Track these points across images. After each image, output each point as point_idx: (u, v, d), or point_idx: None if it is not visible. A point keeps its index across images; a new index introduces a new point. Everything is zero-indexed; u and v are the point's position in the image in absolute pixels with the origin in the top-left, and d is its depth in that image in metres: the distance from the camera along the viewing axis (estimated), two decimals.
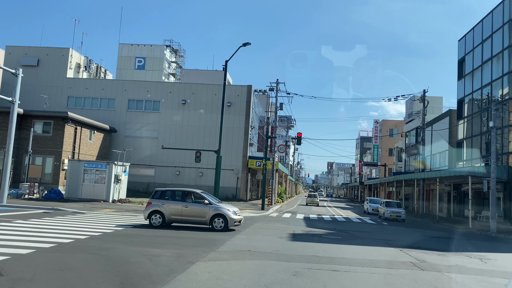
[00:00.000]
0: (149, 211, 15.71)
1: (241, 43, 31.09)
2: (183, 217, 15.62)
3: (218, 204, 15.84)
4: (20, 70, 21.23)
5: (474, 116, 33.78)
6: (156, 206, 15.71)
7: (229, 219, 15.36)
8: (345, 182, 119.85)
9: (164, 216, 15.55)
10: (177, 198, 16.04)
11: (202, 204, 15.67)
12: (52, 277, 7.35)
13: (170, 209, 15.62)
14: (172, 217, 15.64)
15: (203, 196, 15.93)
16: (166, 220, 15.59)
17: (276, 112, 39.53)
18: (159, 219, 15.57)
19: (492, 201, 23.67)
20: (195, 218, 15.61)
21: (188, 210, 15.60)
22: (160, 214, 15.56)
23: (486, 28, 33.34)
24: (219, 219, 15.38)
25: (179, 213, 15.58)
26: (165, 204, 15.73)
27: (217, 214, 15.42)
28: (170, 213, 15.57)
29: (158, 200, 15.89)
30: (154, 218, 15.62)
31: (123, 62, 53.76)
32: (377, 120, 73.70)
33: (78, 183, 25.85)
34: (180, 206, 15.61)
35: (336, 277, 8.68)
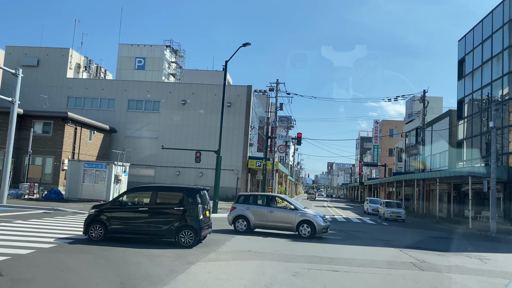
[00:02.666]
0: (234, 216, 15.27)
1: (241, 43, 31.10)
2: (268, 223, 15.07)
3: (304, 210, 15.17)
4: (20, 70, 21.22)
5: (474, 116, 33.78)
6: (240, 211, 15.25)
7: (317, 225, 14.60)
8: (345, 182, 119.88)
9: (249, 222, 15.09)
10: (262, 202, 15.58)
11: (287, 210, 15.08)
12: (52, 277, 7.35)
13: (255, 214, 15.15)
14: (257, 223, 15.13)
15: (288, 201, 15.38)
16: (251, 225, 15.11)
17: (276, 112, 39.54)
18: (244, 225, 15.15)
19: (492, 201, 23.66)
20: (281, 224, 14.98)
21: (274, 216, 15.02)
22: (245, 220, 15.12)
23: (486, 28, 33.34)
24: (306, 225, 14.64)
25: (264, 218, 15.08)
26: (249, 209, 15.24)
27: (304, 221, 14.71)
28: (255, 219, 15.09)
29: (242, 205, 15.42)
30: (239, 224, 15.18)
31: (123, 62, 53.76)
32: (377, 120, 73.70)
33: (78, 183, 25.84)
34: (265, 211, 15.10)
35: (336, 277, 8.68)
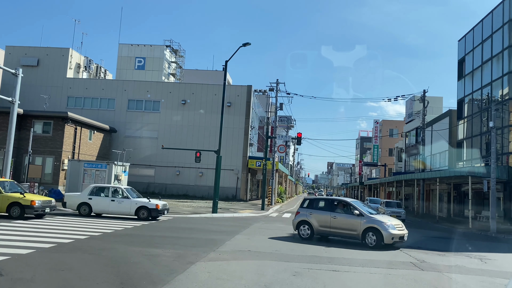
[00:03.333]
0: (297, 221, 14.55)
1: (241, 43, 31.08)
2: (331, 229, 13.99)
3: (371, 216, 13.54)
4: (20, 70, 21.21)
5: (474, 116, 33.78)
6: (303, 216, 14.44)
7: (384, 234, 12.89)
8: (345, 182, 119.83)
9: (312, 228, 14.23)
10: (326, 207, 14.54)
11: (351, 215, 13.69)
12: (52, 277, 7.35)
13: (318, 220, 14.22)
14: (321, 229, 14.17)
15: (353, 206, 13.95)
16: (314, 231, 14.22)
17: (276, 112, 39.54)
18: (308, 231, 14.29)
19: (492, 201, 23.66)
20: (345, 231, 13.76)
21: (337, 222, 13.87)
22: (308, 225, 14.30)
23: (486, 28, 33.34)
24: (372, 233, 13.10)
25: (327, 224, 14.02)
26: (313, 214, 14.37)
27: (370, 228, 13.18)
28: (319, 225, 14.17)
29: (306, 210, 14.64)
30: (302, 230, 14.37)
31: (123, 62, 53.75)
32: (377, 120, 73.69)
33: (78, 183, 25.82)
34: (328, 216, 14.03)
35: (336, 277, 8.68)
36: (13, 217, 15.35)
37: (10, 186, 16.48)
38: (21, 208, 15.43)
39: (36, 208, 15.58)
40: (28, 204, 15.41)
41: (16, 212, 15.51)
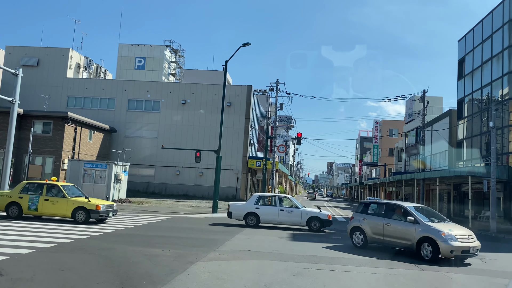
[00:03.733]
0: (351, 227, 13.50)
1: (241, 43, 31.09)
2: (385, 238, 12.47)
3: (428, 223, 11.67)
4: (20, 70, 21.21)
5: (474, 116, 33.77)
6: (357, 221, 13.31)
7: (441, 246, 10.90)
8: (345, 182, 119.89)
9: (366, 235, 12.92)
10: (379, 212, 13.19)
11: (405, 222, 12.01)
12: (52, 277, 7.35)
13: (371, 226, 12.88)
14: (374, 237, 12.76)
15: (407, 210, 12.23)
16: (368, 239, 12.88)
17: (276, 112, 39.52)
18: (361, 239, 13.04)
19: (492, 201, 23.65)
20: (398, 240, 12.13)
21: (390, 229, 12.35)
22: (361, 232, 13.04)
23: (486, 28, 33.33)
24: (427, 244, 11.21)
25: (380, 232, 12.57)
26: (366, 220, 13.10)
27: (425, 238, 11.31)
28: (372, 232, 12.80)
29: (360, 215, 13.50)
30: (355, 237, 13.24)
31: (123, 62, 53.76)
32: (377, 120, 73.71)
33: (78, 183, 25.81)
34: (381, 223, 12.59)
35: (336, 277, 8.68)
36: (78, 222, 15.02)
37: (72, 190, 16.09)
38: (86, 212, 15.07)
39: (101, 212, 15.15)
40: (93, 208, 15.06)
41: (81, 217, 15.10)
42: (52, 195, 15.44)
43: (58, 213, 15.34)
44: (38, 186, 15.84)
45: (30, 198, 15.41)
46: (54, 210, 15.27)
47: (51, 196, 15.38)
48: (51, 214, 15.42)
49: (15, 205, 15.49)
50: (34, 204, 15.32)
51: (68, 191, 15.62)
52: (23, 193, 15.65)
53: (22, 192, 15.67)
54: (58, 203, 15.21)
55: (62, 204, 15.21)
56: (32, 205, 15.34)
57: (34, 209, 15.32)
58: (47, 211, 15.33)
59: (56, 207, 15.23)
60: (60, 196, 15.34)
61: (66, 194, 15.32)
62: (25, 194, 15.57)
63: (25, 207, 15.39)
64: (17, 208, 15.48)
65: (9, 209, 15.49)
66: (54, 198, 15.32)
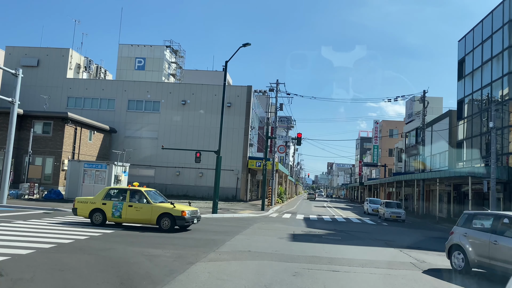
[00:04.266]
0: (449, 245, 10.46)
1: (241, 43, 31.10)
2: (491, 262, 9.12)
3: None
4: (20, 70, 21.23)
5: (474, 117, 33.78)
6: (456, 238, 10.25)
7: None
8: (345, 183, 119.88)
9: (467, 256, 9.68)
10: (486, 226, 9.93)
11: None
12: (52, 277, 7.35)
13: (473, 245, 9.66)
14: (478, 259, 9.47)
15: None
16: (470, 263, 9.60)
17: (276, 112, 39.54)
18: (460, 261, 9.91)
19: (492, 201, 23.67)
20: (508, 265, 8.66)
21: (499, 251, 8.96)
22: (461, 252, 9.92)
23: (486, 29, 33.35)
24: None
25: (485, 253, 9.29)
26: (468, 236, 9.96)
27: None
28: (475, 253, 9.53)
29: (462, 229, 10.41)
30: (454, 258, 10.16)
31: (123, 62, 53.76)
32: (377, 120, 73.72)
33: (78, 183, 25.84)
34: (487, 240, 9.31)
35: (336, 278, 8.68)
36: (163, 229, 14.17)
37: (154, 196, 15.28)
38: (172, 219, 14.21)
39: (187, 219, 14.33)
40: (179, 214, 14.21)
41: (166, 224, 14.25)
42: (135, 201, 14.73)
43: (142, 220, 14.57)
44: (121, 192, 15.23)
45: (114, 204, 14.69)
46: (139, 217, 14.51)
47: (135, 202, 14.65)
48: (135, 221, 14.68)
49: (99, 212, 14.83)
50: (118, 210, 14.62)
51: (151, 197, 14.83)
52: (106, 200, 14.94)
53: (105, 199, 14.98)
54: (142, 209, 14.44)
55: (146, 210, 14.41)
56: (115, 211, 14.66)
57: (118, 216, 14.63)
58: (131, 218, 14.59)
59: (140, 213, 14.45)
60: (143, 202, 14.58)
61: (150, 200, 14.55)
62: (108, 201, 14.88)
63: (109, 214, 14.72)
64: (101, 215, 14.81)
65: (93, 216, 14.86)
66: (138, 204, 14.57)
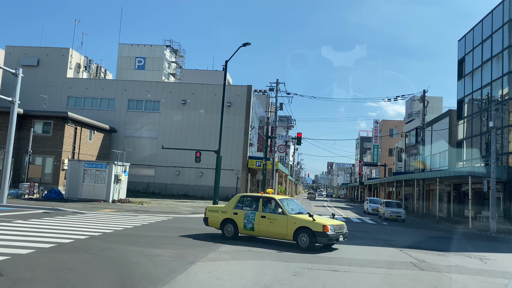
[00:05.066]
0: None
1: (241, 43, 31.10)
2: None
3: None
4: (20, 70, 21.22)
5: (474, 116, 33.78)
6: None
7: None
8: (345, 182, 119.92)
9: None
10: None
11: None
12: (52, 277, 7.35)
13: None
14: None
15: None
16: None
17: (276, 112, 39.54)
18: None
19: (492, 201, 23.67)
20: None
21: None
22: None
23: (486, 28, 33.34)
24: None
25: None
26: None
27: None
28: None
29: None
30: None
31: (123, 62, 53.76)
32: (377, 120, 73.73)
33: (78, 183, 25.84)
34: None
35: (336, 277, 8.68)
36: (300, 247, 11.93)
37: (291, 205, 13.33)
38: (311, 235, 11.87)
39: (330, 236, 11.80)
40: (319, 230, 11.75)
41: (304, 240, 11.94)
42: (269, 211, 12.90)
43: (276, 234, 12.57)
44: (253, 200, 13.50)
45: (246, 214, 13.03)
46: (272, 230, 12.57)
47: (268, 213, 12.80)
48: (269, 234, 12.79)
49: (230, 223, 13.28)
50: (250, 222, 12.92)
51: (287, 207, 12.87)
52: (237, 209, 13.36)
53: (237, 207, 13.41)
54: (277, 221, 12.48)
55: (281, 223, 12.39)
56: (248, 223, 12.97)
57: (250, 228, 12.92)
58: (264, 231, 12.76)
59: (274, 226, 12.50)
60: (278, 213, 12.66)
61: (285, 210, 12.55)
62: (239, 210, 13.27)
63: (241, 225, 13.08)
64: (232, 227, 13.24)
65: (225, 228, 13.35)
66: (272, 215, 12.67)
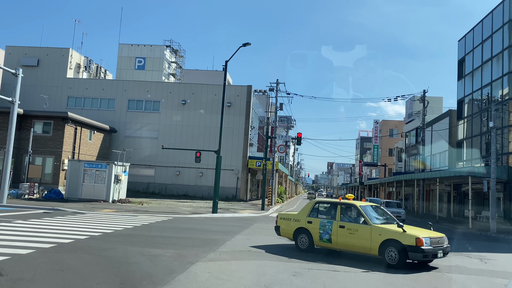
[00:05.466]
0: None
1: (241, 43, 31.09)
2: None
3: None
4: (20, 70, 21.22)
5: (474, 116, 33.78)
6: None
7: None
8: (345, 182, 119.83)
9: None
10: None
11: None
12: (52, 277, 7.35)
13: None
14: None
15: None
16: None
17: (276, 112, 39.52)
18: None
19: (492, 201, 23.67)
20: None
21: None
22: None
23: (486, 29, 33.34)
24: None
25: None
26: None
27: None
28: None
29: None
30: None
31: (123, 62, 53.75)
32: (377, 120, 73.74)
33: (78, 183, 25.84)
34: None
35: (336, 277, 8.68)
36: (389, 264, 10.02)
37: (376, 213, 11.36)
38: (401, 249, 9.86)
39: (426, 251, 9.74)
40: (412, 243, 9.76)
41: (393, 256, 9.95)
42: (348, 220, 11.23)
43: (358, 247, 10.77)
44: (330, 207, 11.94)
45: (321, 223, 11.42)
46: (353, 242, 10.79)
47: (348, 222, 11.12)
48: (349, 247, 11.01)
49: (304, 233, 11.73)
50: (327, 232, 11.26)
51: (370, 215, 11.00)
52: (312, 217, 11.82)
53: (311, 215, 11.88)
54: (358, 232, 10.71)
55: (363, 234, 10.60)
56: (324, 234, 11.34)
57: (327, 239, 11.27)
58: (343, 243, 11.02)
59: (355, 238, 10.74)
60: (359, 222, 10.90)
61: (368, 219, 10.72)
62: (314, 218, 11.71)
63: (316, 236, 11.48)
64: (306, 238, 11.66)
65: (298, 238, 11.82)
66: (352, 224, 10.96)
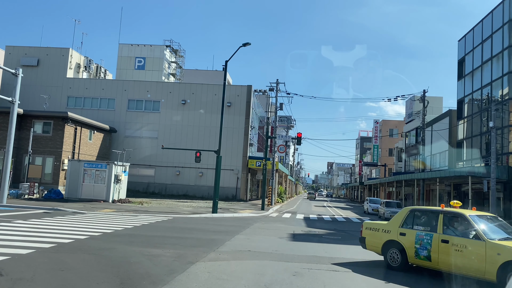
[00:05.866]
0: None
1: (241, 43, 31.09)
2: None
3: None
4: (20, 70, 21.22)
5: (474, 116, 33.78)
6: None
7: None
8: (345, 182, 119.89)
9: None
10: None
11: None
12: (52, 277, 7.35)
13: None
14: None
15: None
16: None
17: (276, 112, 39.52)
18: None
19: (492, 201, 23.67)
20: None
21: None
22: None
23: (486, 28, 33.34)
24: None
25: None
26: None
27: None
28: None
29: None
30: None
31: (123, 62, 53.77)
32: (377, 120, 73.73)
33: (78, 183, 25.84)
34: None
35: (336, 277, 8.68)
36: None
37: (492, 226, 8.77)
38: None
39: None
40: None
41: None
42: (454, 233, 8.78)
43: (467, 269, 8.27)
44: (429, 216, 9.51)
45: (418, 236, 9.21)
46: (460, 262, 8.33)
47: (453, 236, 8.68)
48: (454, 268, 8.45)
49: (396, 247, 9.64)
50: (425, 248, 9.00)
51: (485, 228, 8.48)
52: (405, 227, 9.65)
53: (405, 225, 9.70)
54: (467, 249, 8.27)
55: (475, 253, 8.14)
56: (421, 249, 9.09)
57: (425, 256, 8.99)
58: (447, 263, 8.55)
59: (463, 256, 8.30)
60: (469, 237, 8.43)
61: (481, 233, 8.24)
62: (409, 229, 9.53)
63: (411, 251, 9.31)
64: (398, 253, 9.55)
65: (388, 253, 9.79)
66: (459, 239, 8.52)
